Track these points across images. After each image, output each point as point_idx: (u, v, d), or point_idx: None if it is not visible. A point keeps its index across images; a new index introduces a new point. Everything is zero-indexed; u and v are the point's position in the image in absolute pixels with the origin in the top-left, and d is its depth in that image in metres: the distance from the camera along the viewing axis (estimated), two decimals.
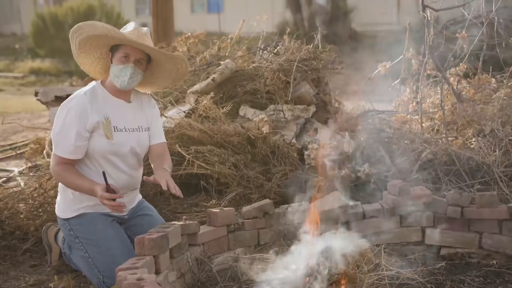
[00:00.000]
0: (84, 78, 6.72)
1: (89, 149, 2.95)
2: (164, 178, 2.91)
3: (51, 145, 4.53)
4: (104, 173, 2.79)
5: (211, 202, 3.67)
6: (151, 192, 3.87)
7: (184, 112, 4.35)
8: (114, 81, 3.00)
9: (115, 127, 2.99)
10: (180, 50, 5.60)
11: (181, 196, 2.94)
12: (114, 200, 2.78)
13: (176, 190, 2.88)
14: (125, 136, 3.02)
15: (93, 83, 3.09)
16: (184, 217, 3.38)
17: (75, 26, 2.94)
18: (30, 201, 3.80)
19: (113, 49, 3.02)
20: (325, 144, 4.09)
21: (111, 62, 3.01)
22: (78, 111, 2.89)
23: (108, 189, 2.78)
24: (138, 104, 3.18)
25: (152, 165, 3.20)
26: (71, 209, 3.01)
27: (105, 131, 2.94)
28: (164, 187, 2.89)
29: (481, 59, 4.62)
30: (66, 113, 2.90)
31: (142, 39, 2.98)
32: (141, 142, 3.13)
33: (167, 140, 3.95)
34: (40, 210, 3.75)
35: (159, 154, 3.20)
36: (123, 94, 3.08)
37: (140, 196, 3.34)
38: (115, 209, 2.82)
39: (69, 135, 2.87)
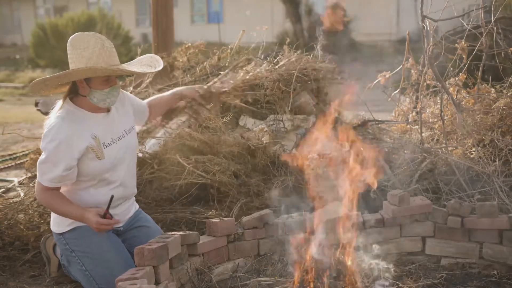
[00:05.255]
0: None
1: (81, 172, 2.87)
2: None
3: None
4: (112, 198, 2.81)
5: (210, 212, 3.66)
6: (152, 204, 3.86)
7: (184, 122, 4.35)
8: (99, 104, 2.87)
9: (104, 144, 2.90)
10: (180, 60, 5.60)
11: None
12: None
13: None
14: (114, 147, 2.95)
15: (61, 105, 2.88)
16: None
17: (60, 75, 2.80)
18: (30, 212, 3.79)
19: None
20: (325, 154, 4.08)
21: (90, 88, 2.83)
22: (62, 141, 2.75)
23: (106, 215, 2.78)
24: (116, 107, 3.06)
25: (167, 107, 3.59)
26: (65, 223, 2.96)
27: (96, 153, 2.85)
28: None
29: (480, 69, 4.63)
30: (50, 143, 2.75)
31: (112, 56, 2.84)
32: (130, 145, 3.08)
33: (167, 150, 3.96)
34: (40, 220, 3.74)
35: (158, 101, 3.48)
36: (102, 107, 2.96)
37: (137, 206, 3.29)
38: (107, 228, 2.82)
39: (56, 167, 2.76)
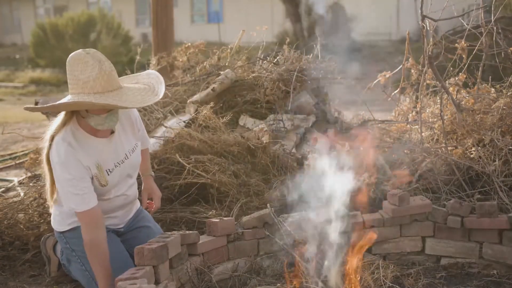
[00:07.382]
0: None
1: None
2: (147, 192, 3.33)
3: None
4: None
5: (210, 212, 3.66)
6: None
7: (184, 122, 4.36)
8: (97, 127, 2.71)
9: (108, 170, 2.83)
10: (180, 60, 5.61)
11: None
12: None
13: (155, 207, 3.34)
14: (117, 172, 2.88)
15: (67, 125, 2.73)
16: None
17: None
18: (30, 211, 3.79)
19: None
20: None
21: (87, 112, 2.66)
22: (74, 162, 2.67)
23: None
24: (119, 128, 2.92)
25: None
26: (66, 222, 2.94)
27: (99, 180, 2.79)
28: (144, 206, 3.29)
29: (480, 69, 4.63)
30: (64, 169, 2.66)
31: (111, 80, 2.62)
32: (134, 164, 3.01)
33: (167, 149, 3.96)
34: (39, 220, 3.74)
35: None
36: (104, 130, 2.80)
37: (138, 204, 3.24)
38: None
39: (83, 182, 2.69)
